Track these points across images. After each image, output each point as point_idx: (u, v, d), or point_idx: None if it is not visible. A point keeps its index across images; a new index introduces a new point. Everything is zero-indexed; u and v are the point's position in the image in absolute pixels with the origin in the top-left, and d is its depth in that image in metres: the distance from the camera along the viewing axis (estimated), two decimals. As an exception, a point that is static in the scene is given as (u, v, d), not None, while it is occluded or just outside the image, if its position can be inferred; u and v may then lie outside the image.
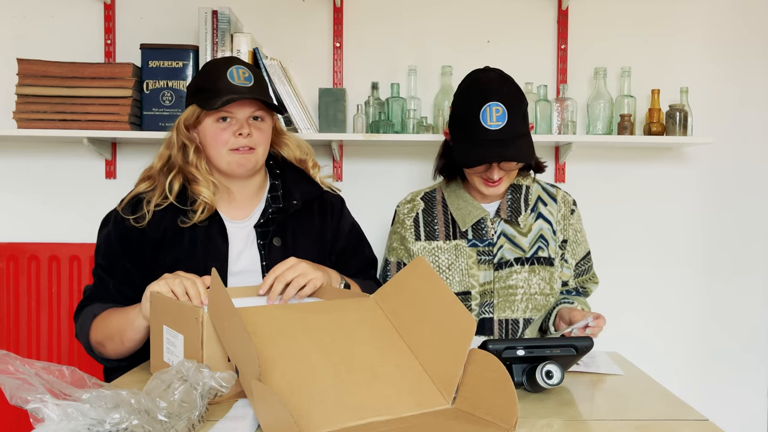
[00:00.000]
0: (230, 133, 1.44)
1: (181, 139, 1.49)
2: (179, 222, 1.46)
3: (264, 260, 1.49)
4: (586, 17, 2.34)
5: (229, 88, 1.42)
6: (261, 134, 1.48)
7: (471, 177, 1.62)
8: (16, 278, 2.24)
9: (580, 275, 1.73)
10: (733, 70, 2.36)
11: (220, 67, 1.46)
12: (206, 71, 1.50)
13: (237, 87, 1.42)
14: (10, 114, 2.10)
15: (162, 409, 0.84)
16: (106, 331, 1.37)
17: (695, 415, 1.07)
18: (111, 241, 1.48)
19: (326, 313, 1.12)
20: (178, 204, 1.46)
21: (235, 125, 1.45)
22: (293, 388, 0.93)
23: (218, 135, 1.45)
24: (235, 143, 1.45)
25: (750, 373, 2.40)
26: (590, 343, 1.18)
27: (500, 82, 1.56)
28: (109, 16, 2.28)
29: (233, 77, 1.43)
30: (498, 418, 0.92)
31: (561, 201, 1.71)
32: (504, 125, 1.51)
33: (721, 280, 2.40)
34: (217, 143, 1.45)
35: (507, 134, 1.51)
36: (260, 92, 1.45)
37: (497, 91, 1.53)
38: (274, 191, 1.56)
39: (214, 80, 1.44)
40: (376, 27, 2.33)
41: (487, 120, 1.51)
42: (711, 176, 2.39)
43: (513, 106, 1.53)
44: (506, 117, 1.51)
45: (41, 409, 0.76)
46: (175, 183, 1.47)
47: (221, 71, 1.44)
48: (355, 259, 1.63)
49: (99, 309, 1.41)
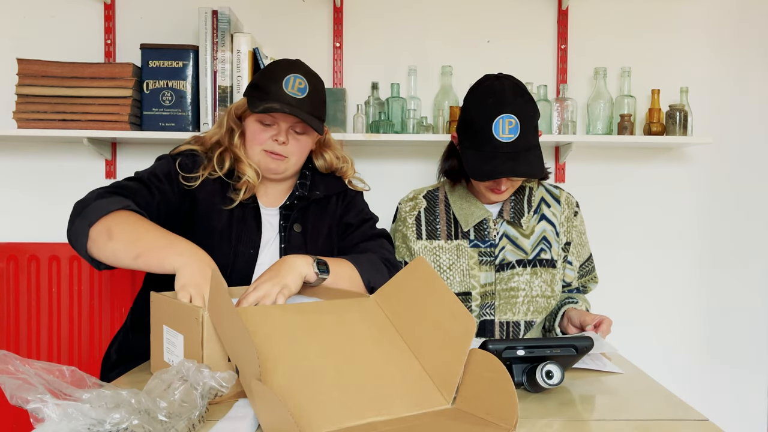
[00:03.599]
0: (269, 136, 1.49)
1: (230, 123, 1.55)
2: (221, 202, 1.49)
3: (283, 242, 1.54)
4: (586, 17, 2.34)
5: (278, 96, 1.44)
6: (298, 145, 1.51)
7: (478, 185, 1.62)
8: (16, 278, 2.24)
9: (583, 276, 1.74)
10: (733, 70, 2.36)
11: (280, 71, 1.48)
12: (268, 71, 1.51)
13: (287, 96, 1.45)
14: (10, 114, 2.10)
15: (162, 409, 0.83)
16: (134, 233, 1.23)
17: (695, 415, 1.07)
18: (165, 167, 1.48)
19: (327, 313, 1.12)
20: (225, 179, 1.50)
21: (275, 130, 1.49)
22: (293, 388, 0.93)
23: (257, 134, 1.50)
24: (270, 146, 1.49)
25: (750, 373, 2.40)
26: (590, 343, 1.18)
27: (515, 93, 1.54)
28: (109, 16, 2.28)
29: (287, 85, 1.46)
30: (498, 418, 0.92)
31: (564, 202, 1.71)
32: (516, 138, 1.50)
33: (721, 280, 2.40)
34: (254, 141, 1.50)
35: (518, 147, 1.51)
36: (307, 107, 1.47)
37: (511, 102, 1.52)
38: (303, 179, 1.60)
39: (270, 83, 1.46)
40: (376, 27, 2.33)
41: (499, 132, 1.50)
42: (711, 176, 2.39)
43: (526, 118, 1.52)
44: (519, 129, 1.50)
45: (41, 409, 0.76)
46: (226, 159, 1.51)
47: (279, 76, 1.46)
48: (356, 233, 1.62)
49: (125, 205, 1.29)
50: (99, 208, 1.26)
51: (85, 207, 1.28)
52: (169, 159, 1.52)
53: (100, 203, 1.27)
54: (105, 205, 1.26)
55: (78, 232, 1.26)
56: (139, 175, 1.45)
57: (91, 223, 1.25)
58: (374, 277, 1.44)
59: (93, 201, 1.28)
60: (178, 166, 1.49)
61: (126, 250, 1.22)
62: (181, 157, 1.51)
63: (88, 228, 1.25)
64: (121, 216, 1.26)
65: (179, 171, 1.49)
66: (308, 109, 1.47)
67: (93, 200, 1.29)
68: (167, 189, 1.46)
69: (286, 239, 1.54)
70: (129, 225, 1.25)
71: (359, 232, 1.62)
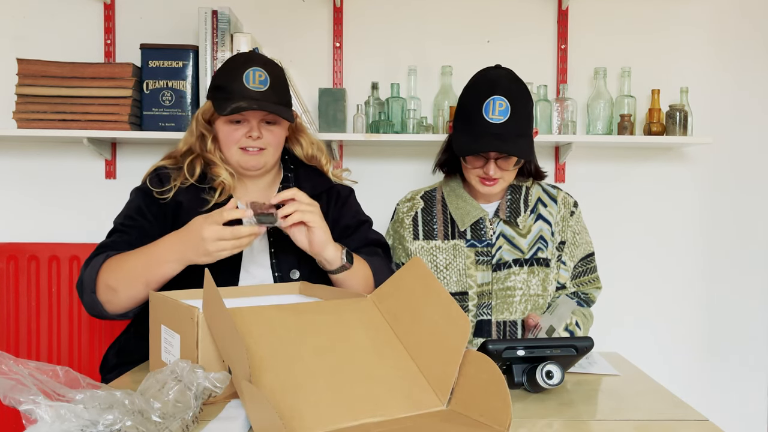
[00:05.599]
0: (242, 134, 1.48)
1: (200, 129, 1.55)
2: (198, 205, 1.48)
3: (272, 247, 1.52)
4: (586, 17, 2.33)
5: (242, 93, 1.44)
6: (272, 136, 1.51)
7: (468, 174, 1.61)
8: (16, 278, 2.24)
9: (578, 276, 1.70)
10: (733, 70, 2.35)
11: (238, 67, 1.47)
12: (226, 70, 1.50)
13: (250, 92, 1.44)
14: (10, 114, 2.10)
15: (156, 409, 0.83)
16: (126, 269, 1.32)
17: (695, 415, 1.07)
18: (135, 201, 1.50)
19: (322, 313, 1.12)
20: (198, 184, 1.50)
21: (246, 127, 1.48)
22: (286, 388, 0.92)
23: (230, 134, 1.49)
24: (246, 143, 1.49)
25: (750, 373, 2.39)
26: (590, 343, 1.18)
27: (509, 80, 1.56)
28: (109, 16, 2.28)
29: (248, 80, 1.45)
30: (492, 420, 0.91)
31: (561, 202, 1.70)
32: (506, 120, 1.51)
33: (721, 280, 2.39)
34: (229, 142, 1.50)
35: (507, 130, 1.51)
36: (273, 98, 1.46)
37: (504, 87, 1.53)
38: (287, 182, 1.60)
39: (230, 81, 1.45)
40: (375, 27, 2.33)
41: (489, 113, 1.51)
42: (711, 176, 2.38)
43: (517, 103, 1.52)
44: (509, 112, 1.50)
45: (34, 410, 0.76)
46: (197, 166, 1.51)
47: (238, 72, 1.45)
48: (354, 237, 1.62)
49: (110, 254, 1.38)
50: (90, 276, 1.35)
51: (82, 283, 1.38)
52: (137, 191, 1.53)
53: (89, 272, 1.36)
54: (91, 271, 1.36)
55: (94, 305, 1.36)
56: (115, 225, 1.48)
57: (93, 291, 1.34)
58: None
59: (84, 274, 1.38)
60: (148, 184, 1.50)
61: (134, 289, 1.32)
62: (150, 177, 1.52)
63: (95, 296, 1.35)
64: (108, 268, 1.34)
65: (151, 188, 1.49)
66: (274, 100, 1.46)
67: (83, 274, 1.38)
68: (142, 223, 1.47)
69: (275, 243, 1.52)
70: (118, 270, 1.33)
71: (359, 235, 1.62)
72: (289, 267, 1.51)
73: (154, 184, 1.50)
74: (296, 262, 1.51)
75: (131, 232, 1.45)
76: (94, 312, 1.38)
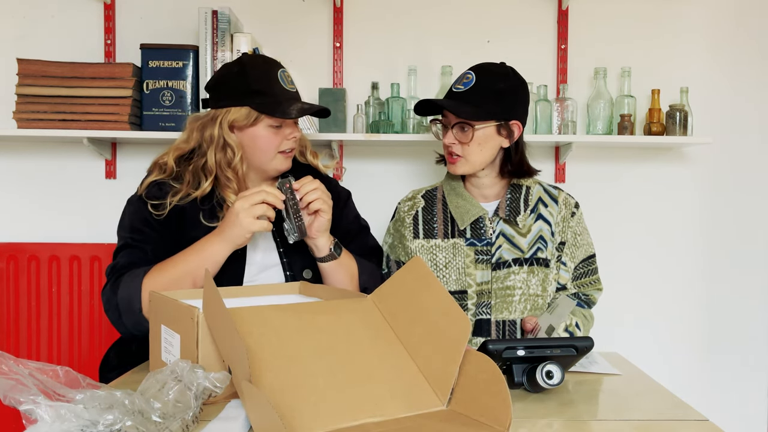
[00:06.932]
0: (282, 137, 1.49)
1: (229, 141, 1.46)
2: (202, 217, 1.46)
3: (280, 247, 1.54)
4: (586, 17, 2.33)
5: (284, 94, 1.46)
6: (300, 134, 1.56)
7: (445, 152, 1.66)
8: (16, 278, 2.24)
9: (579, 278, 1.70)
10: (733, 70, 2.35)
11: (268, 69, 1.47)
12: (257, 74, 1.45)
13: (290, 92, 1.48)
14: (10, 114, 2.10)
15: (156, 409, 0.83)
16: (176, 277, 1.33)
17: (695, 415, 1.07)
18: (139, 213, 1.46)
19: (322, 313, 1.12)
20: (200, 206, 1.47)
21: (288, 128, 1.49)
22: (286, 388, 0.92)
23: (272, 139, 1.48)
24: (286, 146, 1.50)
25: (750, 373, 2.39)
26: (591, 343, 1.18)
27: (497, 67, 1.61)
28: (109, 16, 2.28)
29: (284, 82, 1.48)
30: (492, 420, 0.91)
31: (562, 203, 1.70)
32: (466, 90, 1.56)
33: (721, 280, 2.39)
34: (270, 146, 1.48)
35: (465, 98, 1.55)
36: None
37: (482, 67, 1.59)
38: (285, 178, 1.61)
39: (270, 84, 1.45)
40: (376, 27, 2.33)
41: (457, 83, 1.59)
42: (711, 176, 2.38)
43: (486, 82, 1.56)
44: (472, 84, 1.55)
45: (34, 410, 0.76)
46: (208, 186, 1.47)
47: (272, 75, 1.46)
48: (355, 243, 1.63)
49: (145, 269, 1.36)
50: (132, 295, 1.32)
51: (119, 306, 1.33)
52: (136, 202, 1.48)
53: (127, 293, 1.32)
54: (131, 291, 1.32)
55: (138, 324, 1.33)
56: (123, 241, 1.44)
57: (140, 310, 1.32)
58: (368, 283, 1.51)
59: (119, 297, 1.33)
60: (146, 197, 1.46)
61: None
62: (147, 189, 1.47)
63: (143, 314, 1.32)
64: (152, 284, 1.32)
65: (148, 201, 1.45)
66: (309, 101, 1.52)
67: (119, 296, 1.33)
68: (152, 235, 1.44)
69: (281, 243, 1.53)
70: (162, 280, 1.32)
71: (359, 241, 1.64)
72: (301, 266, 1.53)
73: (152, 196, 1.46)
74: (309, 261, 1.52)
75: (145, 246, 1.42)
76: (136, 331, 1.34)
